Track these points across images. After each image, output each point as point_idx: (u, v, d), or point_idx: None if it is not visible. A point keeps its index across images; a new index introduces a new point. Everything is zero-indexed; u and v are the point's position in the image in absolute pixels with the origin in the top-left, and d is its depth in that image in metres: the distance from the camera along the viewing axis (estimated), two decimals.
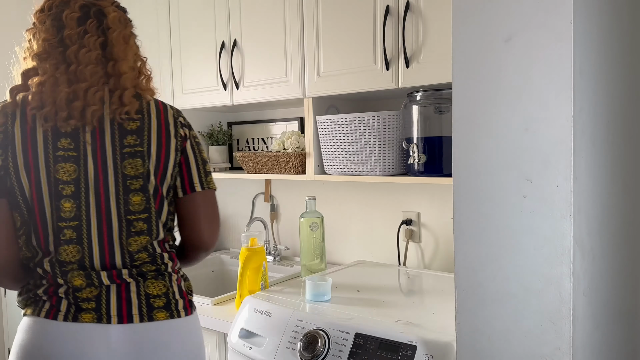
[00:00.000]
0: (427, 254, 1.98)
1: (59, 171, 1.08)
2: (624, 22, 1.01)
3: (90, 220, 1.10)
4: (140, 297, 1.11)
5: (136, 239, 1.13)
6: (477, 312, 0.97)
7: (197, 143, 1.26)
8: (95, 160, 1.10)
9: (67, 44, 1.10)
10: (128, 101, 1.13)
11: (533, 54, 0.88)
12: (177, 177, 1.20)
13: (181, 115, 1.25)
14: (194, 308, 1.21)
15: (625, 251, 1.05)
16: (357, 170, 1.80)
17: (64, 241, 1.08)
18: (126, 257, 1.12)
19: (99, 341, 1.07)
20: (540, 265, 0.90)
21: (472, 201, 0.96)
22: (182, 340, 1.15)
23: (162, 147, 1.16)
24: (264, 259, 1.67)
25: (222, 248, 2.64)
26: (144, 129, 1.14)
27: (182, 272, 1.23)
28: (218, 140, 2.39)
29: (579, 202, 0.87)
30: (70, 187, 1.08)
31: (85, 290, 1.09)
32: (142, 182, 1.13)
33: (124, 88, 1.13)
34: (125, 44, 1.17)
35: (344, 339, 1.29)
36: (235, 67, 2.06)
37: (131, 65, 1.17)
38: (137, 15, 2.45)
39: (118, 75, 1.14)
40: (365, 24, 1.70)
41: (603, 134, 0.94)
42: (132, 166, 1.12)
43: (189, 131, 1.25)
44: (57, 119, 1.07)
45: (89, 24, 1.12)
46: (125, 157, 1.12)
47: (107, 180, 1.11)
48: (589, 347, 0.93)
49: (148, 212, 1.14)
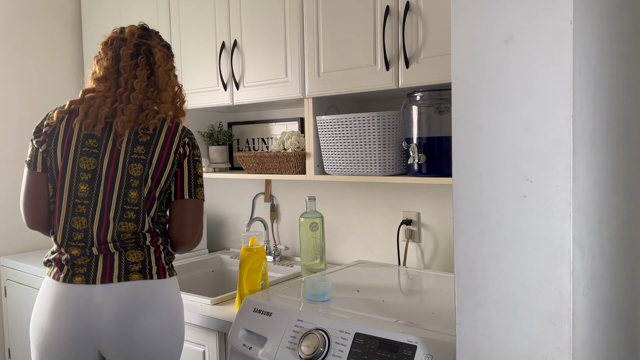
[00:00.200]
0: (427, 254, 1.98)
1: (82, 162, 1.43)
2: (624, 22, 1.01)
3: (97, 202, 1.42)
4: (121, 264, 1.41)
5: (125, 224, 1.42)
6: (477, 312, 0.97)
7: (195, 161, 1.50)
8: (111, 159, 1.43)
9: (121, 72, 1.46)
10: (151, 121, 1.44)
11: (533, 54, 0.88)
12: (172, 184, 1.48)
13: (189, 136, 1.50)
14: (169, 274, 1.46)
15: (625, 251, 1.05)
16: (357, 170, 1.80)
17: (77, 213, 1.42)
18: (115, 235, 1.42)
19: (85, 297, 1.39)
20: (540, 265, 0.90)
21: (472, 201, 0.96)
22: (153, 296, 1.41)
23: (162, 159, 1.44)
24: (264, 259, 1.67)
25: (222, 248, 2.64)
26: (152, 143, 1.44)
27: (164, 248, 1.48)
28: (218, 140, 2.39)
29: (579, 202, 0.87)
30: (87, 175, 1.43)
31: (80, 258, 1.40)
32: (139, 182, 1.43)
33: (156, 112, 1.46)
34: (167, 77, 1.50)
35: (344, 338, 1.29)
36: (236, 68, 2.07)
37: (170, 95, 1.50)
38: (137, 15, 2.46)
39: (156, 102, 1.47)
40: (365, 24, 1.70)
41: (603, 134, 0.94)
42: (135, 169, 1.43)
43: (191, 150, 1.49)
44: (94, 129, 1.43)
45: (140, 59, 1.47)
46: (132, 161, 1.43)
47: (116, 175, 1.43)
48: (589, 347, 0.93)
49: (139, 206, 1.43)
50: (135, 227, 1.42)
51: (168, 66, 1.51)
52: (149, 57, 1.48)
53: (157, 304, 1.42)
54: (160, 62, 1.48)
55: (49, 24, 2.72)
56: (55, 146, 1.44)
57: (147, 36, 1.50)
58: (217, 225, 2.67)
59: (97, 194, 1.42)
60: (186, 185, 1.47)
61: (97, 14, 2.68)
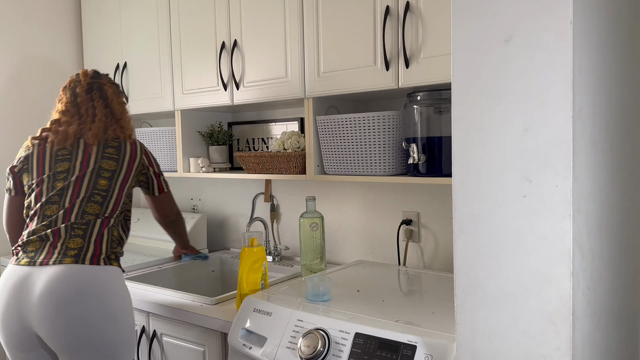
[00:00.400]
0: (427, 254, 1.98)
1: (57, 167, 1.68)
2: (623, 22, 1.01)
3: (69, 189, 1.65)
4: (62, 250, 1.57)
5: (92, 205, 1.65)
6: (477, 312, 0.97)
7: (157, 164, 1.87)
8: (83, 158, 1.69)
9: (80, 105, 1.75)
10: (117, 134, 1.76)
11: (533, 54, 0.88)
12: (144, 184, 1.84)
13: (144, 152, 1.82)
14: (105, 263, 1.60)
15: (625, 251, 1.05)
16: (357, 170, 1.80)
17: (50, 202, 1.64)
18: (79, 216, 1.62)
19: (23, 278, 1.54)
20: (540, 265, 0.90)
21: (472, 201, 0.97)
22: (83, 281, 1.54)
23: (131, 162, 1.76)
24: (264, 259, 1.67)
25: (222, 248, 2.64)
26: (121, 148, 1.75)
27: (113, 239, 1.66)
28: (218, 140, 2.39)
29: (579, 202, 0.87)
30: (63, 175, 1.67)
31: (33, 243, 1.60)
32: (111, 174, 1.70)
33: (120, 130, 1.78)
34: (121, 108, 1.81)
35: (344, 338, 1.29)
36: (236, 67, 2.07)
37: (127, 121, 1.82)
38: (137, 15, 2.46)
39: (118, 124, 1.78)
40: (365, 24, 1.70)
41: (603, 133, 0.94)
42: (107, 164, 1.71)
43: (151, 156, 1.85)
44: (65, 143, 1.70)
45: (94, 94, 1.77)
46: (105, 158, 1.71)
47: (88, 168, 1.68)
48: (589, 346, 0.93)
49: (106, 193, 1.68)
50: (99, 210, 1.65)
51: (120, 99, 1.82)
52: (102, 92, 1.78)
53: (88, 290, 1.53)
54: (112, 97, 1.79)
55: (49, 24, 2.72)
56: (31, 164, 1.70)
57: (98, 77, 1.81)
58: (217, 225, 2.67)
59: (69, 184, 1.65)
60: (162, 182, 1.88)
61: (97, 14, 2.68)
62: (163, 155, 2.45)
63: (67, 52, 2.78)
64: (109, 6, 2.59)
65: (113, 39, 2.58)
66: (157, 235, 2.58)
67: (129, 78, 2.51)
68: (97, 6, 2.67)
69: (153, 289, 1.91)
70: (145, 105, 2.44)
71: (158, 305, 1.79)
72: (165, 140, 2.42)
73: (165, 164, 2.45)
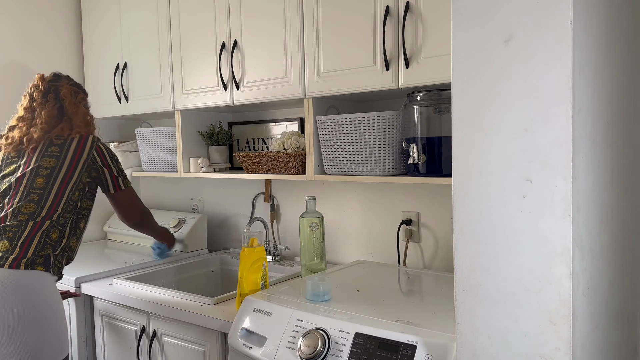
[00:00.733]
0: (427, 254, 1.98)
1: (5, 170, 1.77)
2: (623, 22, 1.01)
3: (10, 191, 1.71)
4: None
5: (27, 204, 1.67)
6: (477, 312, 0.97)
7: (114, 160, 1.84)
8: (27, 160, 1.75)
9: (35, 108, 1.82)
10: (62, 132, 1.78)
11: (533, 54, 0.88)
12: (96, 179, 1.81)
13: (99, 143, 1.82)
14: (27, 267, 1.60)
15: (625, 251, 1.05)
16: (357, 170, 1.80)
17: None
18: (13, 217, 1.65)
19: None
20: (539, 265, 0.90)
21: (472, 201, 0.97)
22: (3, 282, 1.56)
23: (75, 160, 1.75)
24: (264, 259, 1.67)
25: (222, 248, 2.64)
26: (65, 145, 1.76)
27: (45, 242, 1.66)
28: (218, 140, 2.39)
29: (579, 202, 0.87)
30: (10, 177, 1.74)
31: None
32: (49, 172, 1.71)
33: (69, 128, 1.80)
34: (76, 107, 1.84)
35: (344, 338, 1.29)
36: (236, 68, 2.07)
37: (81, 118, 1.84)
38: (137, 15, 2.46)
39: (69, 123, 1.81)
40: (365, 24, 1.70)
41: (603, 134, 0.94)
42: (46, 162, 1.72)
43: (107, 152, 1.82)
44: (13, 147, 1.78)
45: (49, 96, 1.83)
46: (45, 156, 1.74)
47: (28, 168, 1.72)
48: (589, 346, 0.93)
49: (43, 191, 1.69)
50: (35, 209, 1.67)
51: (75, 99, 1.85)
52: (57, 94, 1.83)
53: (5, 292, 1.55)
54: (66, 97, 1.83)
55: (48, 24, 2.72)
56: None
57: (56, 80, 1.87)
58: (217, 225, 2.67)
59: (10, 186, 1.71)
60: (119, 180, 1.84)
61: (97, 14, 2.68)
62: (163, 155, 2.45)
63: (67, 52, 2.78)
64: (109, 6, 2.59)
65: (113, 39, 2.58)
66: None
67: (129, 78, 2.51)
68: (97, 6, 2.67)
69: (153, 289, 1.91)
70: (145, 105, 2.44)
71: (158, 305, 1.79)
72: (165, 140, 2.42)
73: (165, 164, 2.45)
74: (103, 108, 2.65)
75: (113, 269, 2.18)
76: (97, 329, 2.07)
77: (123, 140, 2.82)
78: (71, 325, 2.08)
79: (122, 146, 2.67)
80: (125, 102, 2.52)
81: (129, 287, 1.98)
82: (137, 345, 1.90)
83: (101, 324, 2.05)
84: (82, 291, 2.05)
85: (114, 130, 2.90)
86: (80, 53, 2.82)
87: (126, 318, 1.95)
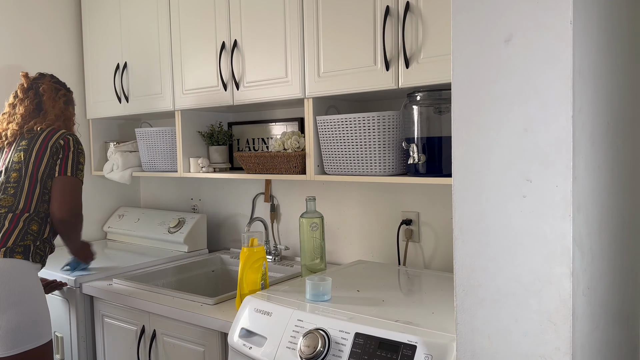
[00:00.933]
0: (427, 253, 1.98)
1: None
2: (623, 22, 1.01)
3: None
4: None
5: (6, 197, 1.81)
6: (477, 312, 0.97)
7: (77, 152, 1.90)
8: (4, 155, 1.91)
9: (16, 105, 1.96)
10: (34, 127, 1.91)
11: (533, 54, 0.88)
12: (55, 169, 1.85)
13: (66, 135, 1.90)
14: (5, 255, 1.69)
15: (625, 251, 1.05)
16: (357, 170, 1.80)
17: None
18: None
19: None
20: (539, 265, 0.90)
21: (472, 201, 0.97)
22: None
23: (42, 149, 1.86)
24: (264, 259, 1.67)
25: (222, 248, 2.64)
26: (34, 139, 1.88)
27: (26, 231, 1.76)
28: (218, 140, 2.39)
29: (579, 202, 0.87)
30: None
31: None
32: (20, 166, 1.84)
33: (42, 122, 1.92)
34: (53, 102, 1.96)
35: (344, 338, 1.29)
36: (236, 67, 2.07)
37: (57, 113, 1.97)
38: (137, 15, 2.46)
39: (44, 117, 1.94)
40: (365, 25, 1.70)
41: (603, 134, 0.94)
42: (17, 157, 1.86)
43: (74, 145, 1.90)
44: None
45: (29, 93, 1.96)
46: (17, 151, 1.88)
47: (5, 164, 1.88)
48: (589, 346, 0.93)
49: (17, 184, 1.82)
50: (12, 202, 1.80)
51: (54, 95, 1.97)
52: (37, 91, 1.95)
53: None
54: (45, 93, 1.95)
55: (49, 24, 2.72)
56: None
57: (39, 78, 1.99)
58: (217, 225, 2.67)
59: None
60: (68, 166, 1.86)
61: (97, 14, 2.68)
62: (163, 155, 2.45)
63: (67, 52, 2.78)
64: (109, 6, 2.59)
65: (113, 39, 2.58)
66: (157, 235, 2.59)
67: (129, 78, 2.51)
68: (97, 6, 2.67)
69: (153, 289, 1.91)
70: (145, 105, 2.44)
71: (158, 305, 1.79)
72: (165, 140, 2.42)
73: (165, 164, 2.45)
74: (103, 108, 2.65)
75: (113, 268, 2.18)
76: (97, 329, 2.07)
77: (123, 140, 2.82)
78: (71, 325, 2.08)
79: (122, 146, 2.66)
80: (125, 102, 2.52)
81: (129, 287, 1.98)
82: (137, 345, 1.90)
83: (101, 324, 2.05)
84: (82, 291, 2.05)
85: (114, 130, 2.89)
86: (80, 53, 2.82)
87: (126, 318, 1.95)
